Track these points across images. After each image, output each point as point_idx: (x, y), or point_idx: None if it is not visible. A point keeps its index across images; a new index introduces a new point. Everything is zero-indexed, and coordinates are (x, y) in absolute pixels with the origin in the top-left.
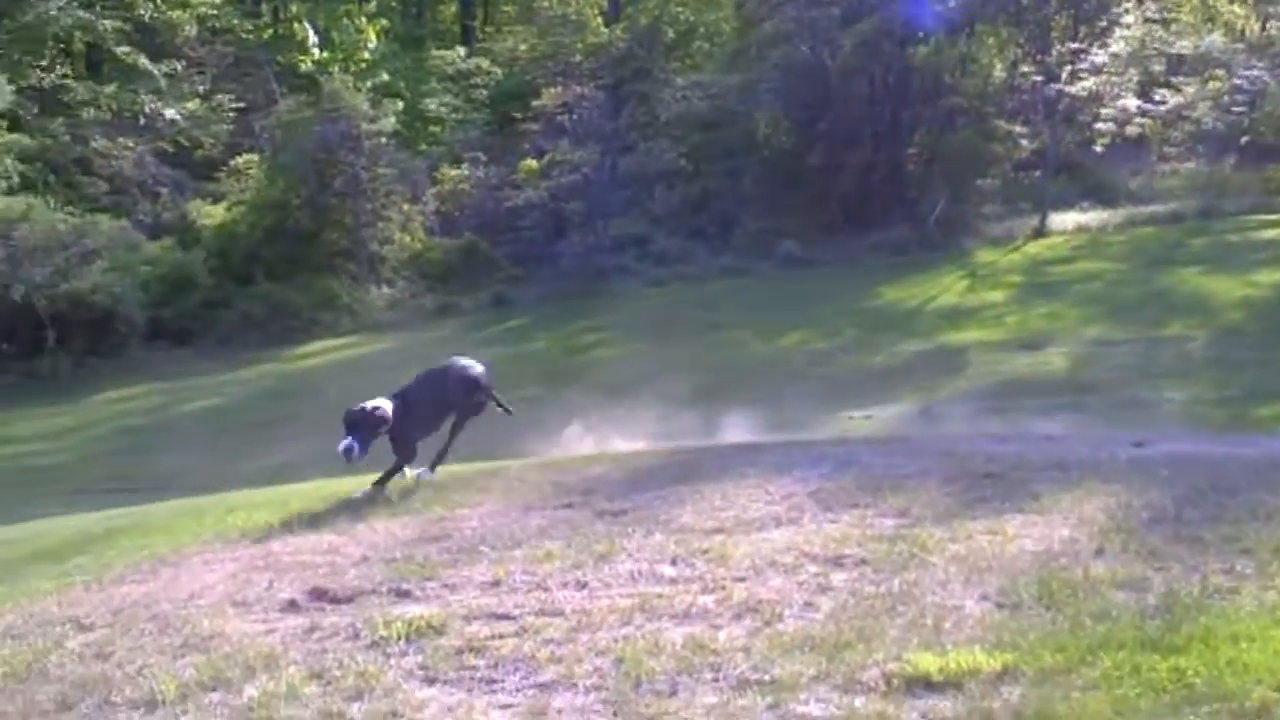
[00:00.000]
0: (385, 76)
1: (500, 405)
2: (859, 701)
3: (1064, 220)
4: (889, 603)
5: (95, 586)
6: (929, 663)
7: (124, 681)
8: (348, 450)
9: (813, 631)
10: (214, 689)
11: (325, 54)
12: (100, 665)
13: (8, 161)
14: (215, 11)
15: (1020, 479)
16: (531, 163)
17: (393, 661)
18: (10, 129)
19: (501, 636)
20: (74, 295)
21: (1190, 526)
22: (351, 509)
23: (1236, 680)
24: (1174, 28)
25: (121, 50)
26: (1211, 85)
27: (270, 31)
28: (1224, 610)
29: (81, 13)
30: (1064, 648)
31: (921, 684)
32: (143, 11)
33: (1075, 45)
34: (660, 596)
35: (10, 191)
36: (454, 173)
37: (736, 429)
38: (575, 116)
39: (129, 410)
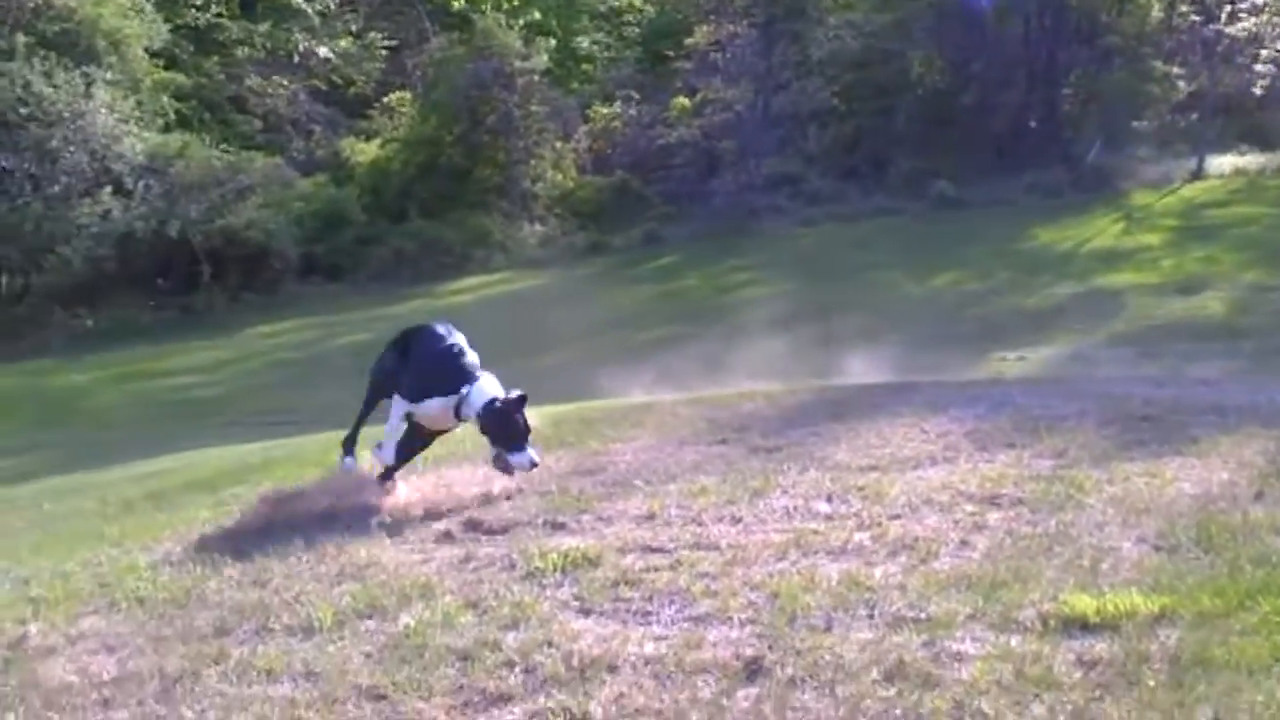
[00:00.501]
0: (537, 15)
1: None
2: (1014, 641)
3: (1221, 163)
4: (1045, 543)
5: (251, 515)
6: (1085, 604)
7: (281, 608)
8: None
9: (968, 570)
10: (370, 616)
11: None
12: (257, 592)
13: (164, 99)
14: None
15: (1178, 422)
16: (683, 101)
17: (548, 592)
18: (166, 68)
19: (656, 569)
20: (229, 231)
21: None
22: None
23: None
24: None
25: None
26: None
27: None
28: None
29: None
30: (1222, 591)
31: (1077, 625)
32: None
33: None
34: (815, 533)
35: (166, 129)
36: (605, 111)
37: (889, 368)
38: (728, 55)
39: (282, 345)
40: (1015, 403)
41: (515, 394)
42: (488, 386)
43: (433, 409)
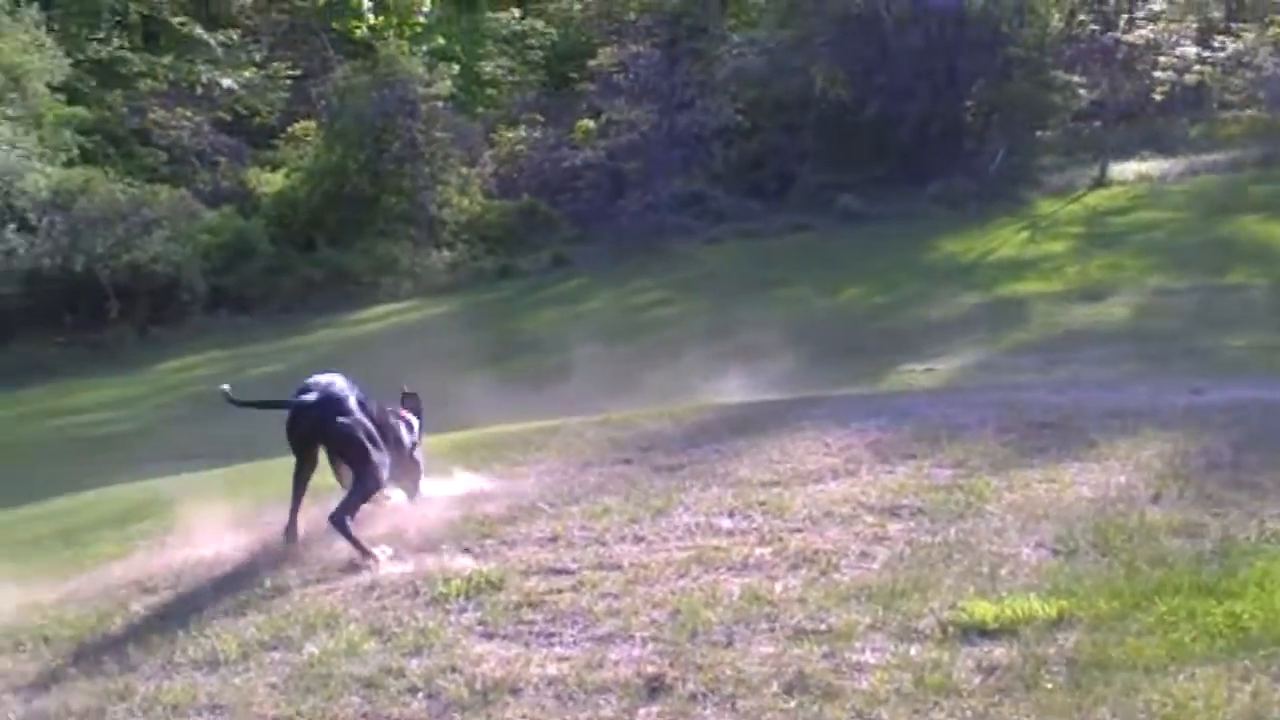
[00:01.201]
0: (441, 40)
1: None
2: (914, 649)
3: (1124, 170)
4: (945, 551)
5: (158, 550)
6: (984, 610)
7: (186, 642)
8: None
9: (868, 581)
10: (275, 647)
11: (380, 19)
12: (163, 626)
13: (66, 134)
14: None
15: (1077, 427)
16: (588, 123)
17: (451, 618)
18: (69, 102)
19: (559, 591)
20: (136, 265)
21: (1247, 472)
22: None
23: None
24: None
25: (177, 21)
26: (1271, 31)
27: None
28: None
29: None
30: (1119, 594)
31: (977, 631)
32: None
33: None
34: (717, 549)
35: (70, 164)
36: (511, 134)
37: (795, 384)
38: (631, 75)
39: (192, 379)
40: (917, 413)
41: None
42: None
43: None
